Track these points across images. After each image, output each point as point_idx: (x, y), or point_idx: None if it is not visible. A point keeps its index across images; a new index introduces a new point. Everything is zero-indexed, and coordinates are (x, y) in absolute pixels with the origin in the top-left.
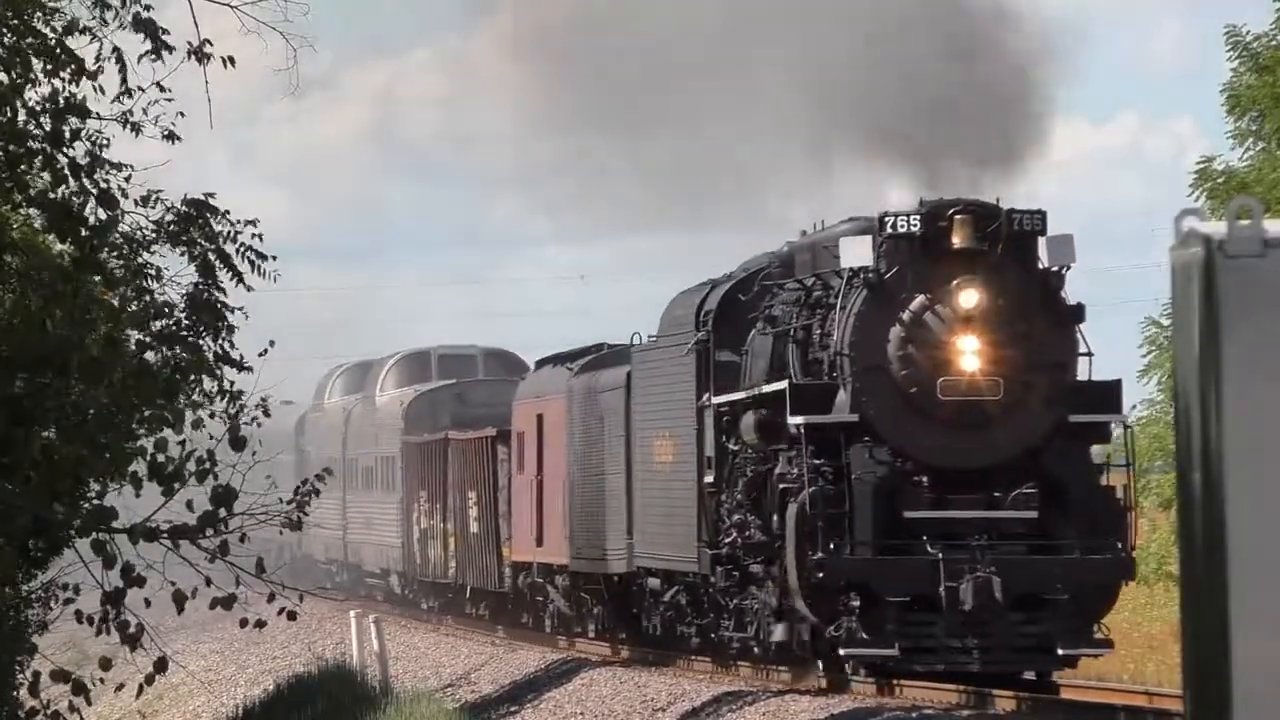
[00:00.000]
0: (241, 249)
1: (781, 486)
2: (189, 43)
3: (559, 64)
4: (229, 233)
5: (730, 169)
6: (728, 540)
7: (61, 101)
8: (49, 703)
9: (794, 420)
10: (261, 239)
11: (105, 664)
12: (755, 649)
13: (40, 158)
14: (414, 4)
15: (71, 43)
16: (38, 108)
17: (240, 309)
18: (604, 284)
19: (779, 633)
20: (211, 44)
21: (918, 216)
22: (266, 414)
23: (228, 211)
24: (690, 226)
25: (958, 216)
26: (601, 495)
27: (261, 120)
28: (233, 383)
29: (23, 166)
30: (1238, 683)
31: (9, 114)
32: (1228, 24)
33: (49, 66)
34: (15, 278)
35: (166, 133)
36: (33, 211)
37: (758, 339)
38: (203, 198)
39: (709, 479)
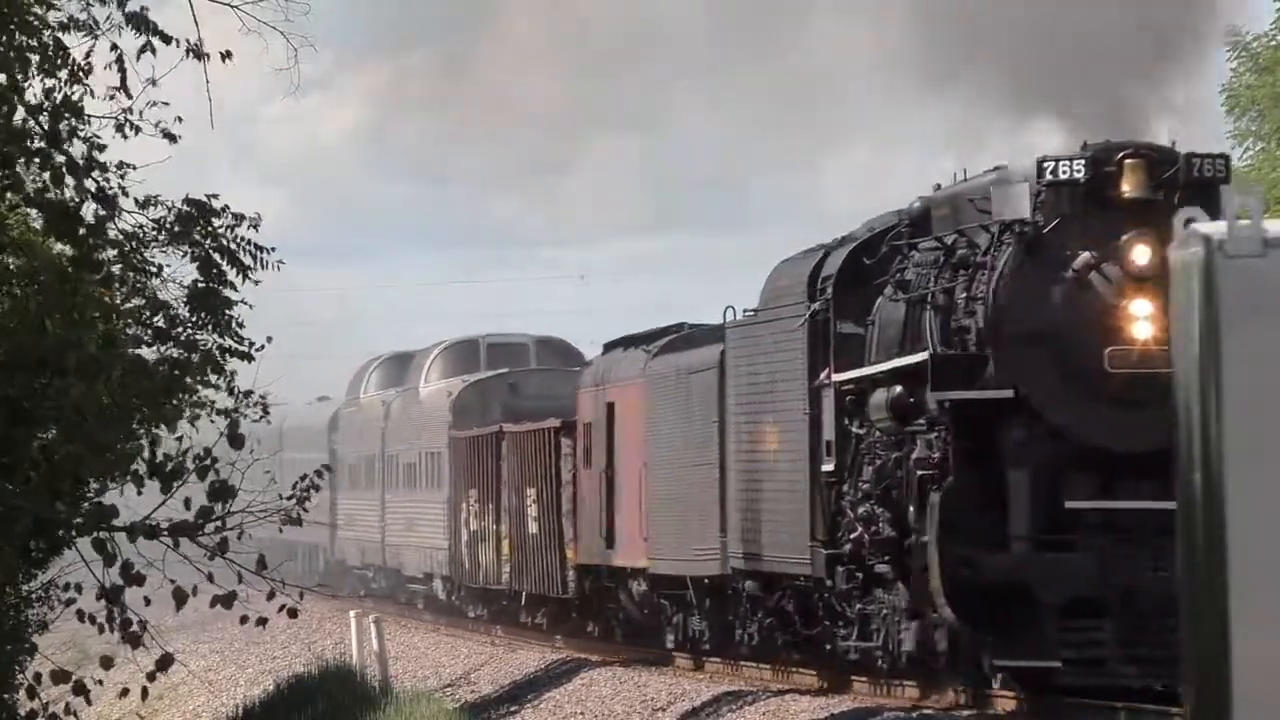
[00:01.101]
0: (242, 243)
1: (920, 473)
2: (187, 40)
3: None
4: (228, 227)
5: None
6: (851, 537)
7: (59, 99)
8: (48, 704)
9: (936, 397)
10: (257, 229)
11: (106, 663)
12: (881, 660)
13: (39, 158)
14: (414, 4)
15: (68, 40)
16: (37, 107)
17: (244, 301)
18: (604, 284)
19: (911, 641)
20: (203, 42)
21: (1082, 161)
22: (265, 412)
23: (226, 207)
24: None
25: (1128, 161)
26: (688, 489)
27: (261, 120)
28: (234, 372)
29: (20, 166)
30: (1238, 682)
31: (6, 112)
32: (1228, 24)
33: (46, 65)
34: (14, 278)
35: (164, 132)
36: (31, 212)
37: (886, 306)
38: (203, 198)
39: (827, 467)
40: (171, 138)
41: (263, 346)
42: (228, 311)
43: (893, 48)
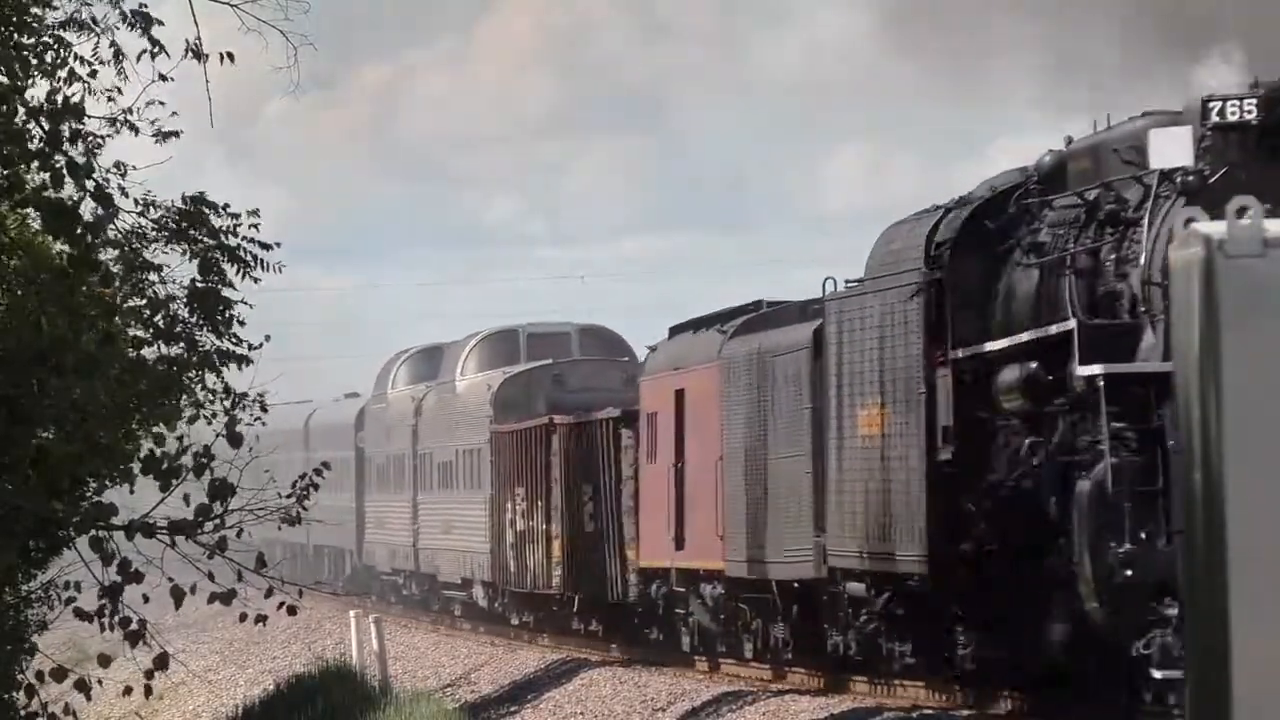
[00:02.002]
0: (243, 241)
1: (1063, 459)
2: (186, 40)
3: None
4: (229, 227)
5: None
6: (974, 533)
7: (60, 101)
8: (47, 704)
9: (1085, 371)
10: (258, 229)
11: (105, 661)
12: (1015, 669)
13: (39, 159)
14: (414, 4)
15: (67, 38)
16: (36, 108)
17: (244, 301)
18: (604, 284)
19: (1049, 648)
20: (201, 42)
21: (1253, 101)
22: (264, 410)
23: (227, 205)
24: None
25: None
26: (775, 483)
27: (261, 120)
28: (223, 373)
29: (21, 166)
30: (1238, 681)
31: (7, 113)
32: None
33: (46, 66)
34: (13, 278)
35: (162, 132)
36: (31, 211)
37: (1016, 273)
38: (201, 194)
39: (945, 455)
40: (168, 136)
41: (260, 346)
42: (228, 311)
43: None
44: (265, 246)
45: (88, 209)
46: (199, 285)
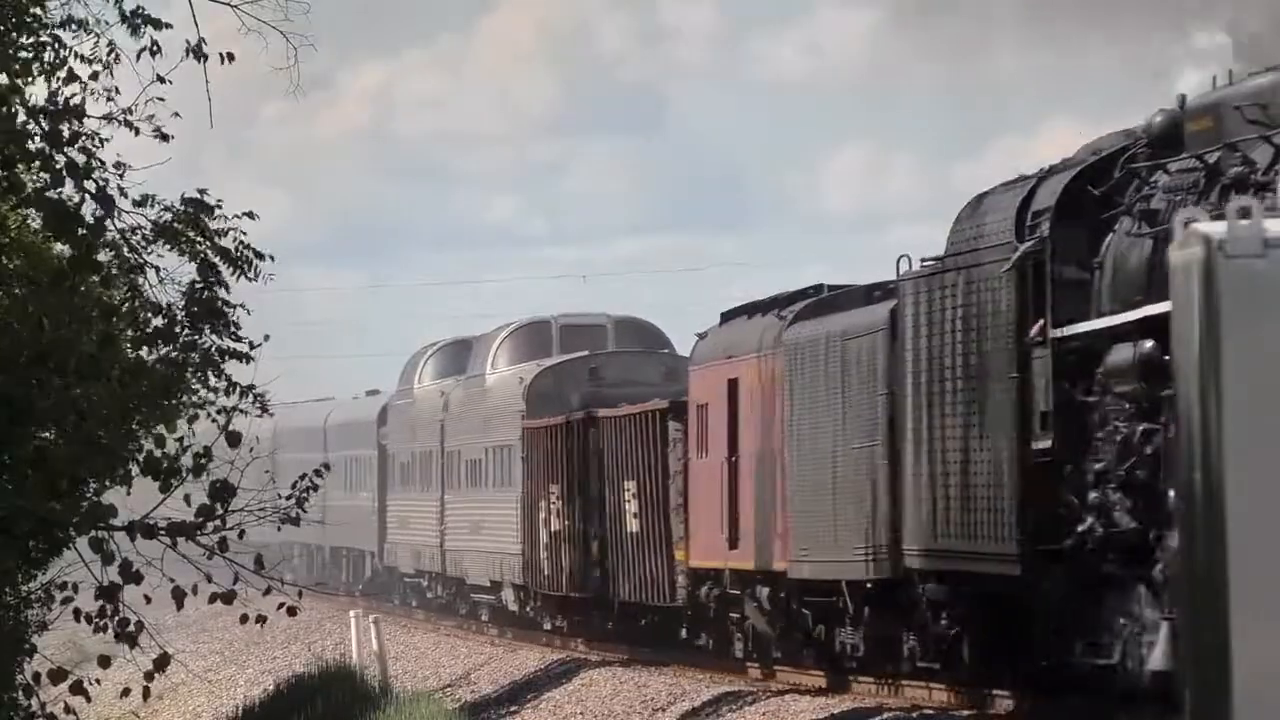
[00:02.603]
0: (239, 246)
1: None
2: (186, 40)
3: None
4: (225, 229)
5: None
6: (1079, 529)
7: (60, 102)
8: (46, 704)
9: None
10: (246, 233)
11: (105, 662)
12: (1119, 679)
13: (39, 159)
14: (413, 3)
15: (66, 37)
16: (36, 108)
17: (241, 305)
18: (604, 284)
19: (1159, 658)
20: (206, 43)
21: None
22: (264, 409)
23: (220, 203)
24: (689, 227)
25: None
26: (845, 476)
27: (260, 120)
28: (229, 375)
29: (20, 167)
30: (1238, 680)
31: (7, 112)
32: (1227, 21)
33: (45, 67)
34: (13, 278)
35: (160, 133)
36: (31, 212)
37: (1122, 243)
38: (199, 195)
39: (1042, 444)
40: (166, 137)
41: (259, 345)
42: (225, 316)
43: None
44: (259, 256)
45: (88, 210)
46: (197, 288)
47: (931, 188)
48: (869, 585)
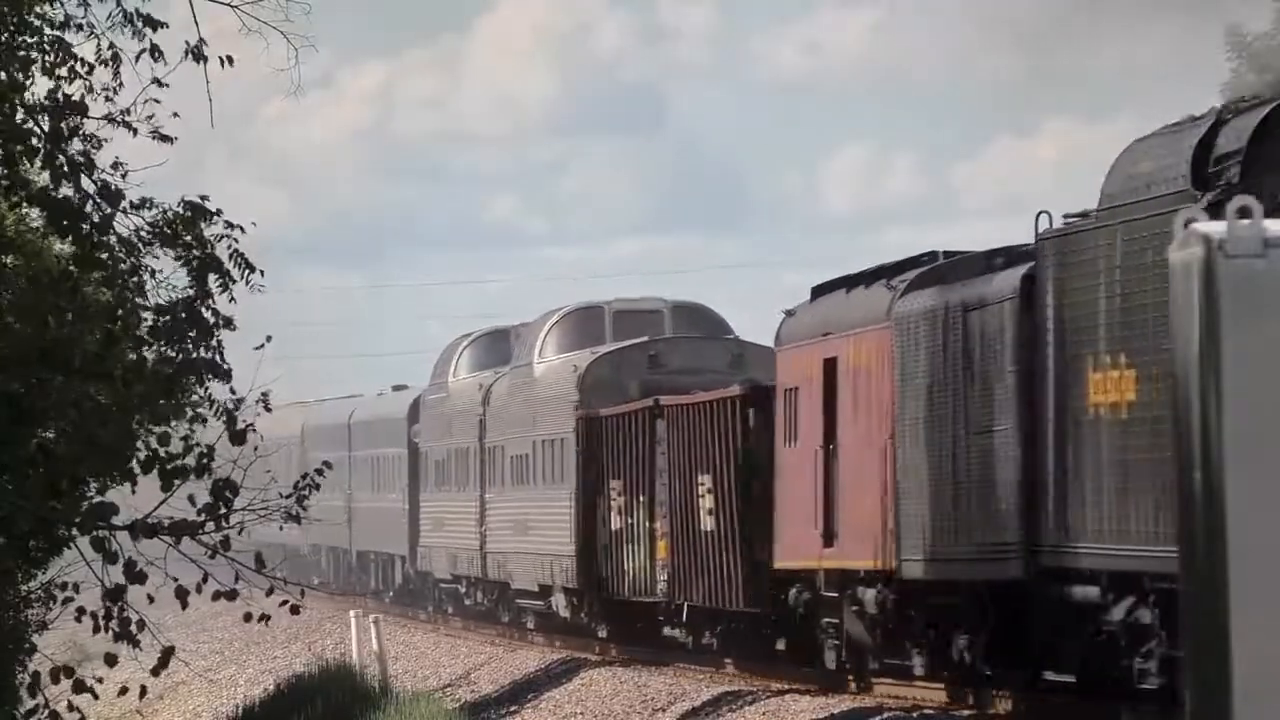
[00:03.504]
0: (234, 255)
1: None
2: (186, 42)
3: None
4: (220, 236)
5: None
6: None
7: (61, 99)
8: (48, 702)
9: None
10: (237, 240)
11: (111, 660)
12: None
13: (41, 156)
14: (413, 3)
15: (68, 37)
16: (37, 106)
17: (230, 319)
18: (604, 284)
19: None
20: (206, 44)
21: None
22: (268, 408)
23: (219, 211)
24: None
25: None
26: (969, 464)
27: (260, 120)
28: (208, 387)
29: (24, 165)
30: (1238, 680)
31: (8, 111)
32: (1228, 24)
33: (46, 65)
34: (12, 277)
35: (160, 134)
36: (33, 212)
37: None
38: (198, 200)
39: None
40: (166, 139)
41: (261, 346)
42: (209, 336)
43: None
44: (251, 268)
45: (91, 209)
46: (190, 295)
47: (931, 188)
48: (997, 587)
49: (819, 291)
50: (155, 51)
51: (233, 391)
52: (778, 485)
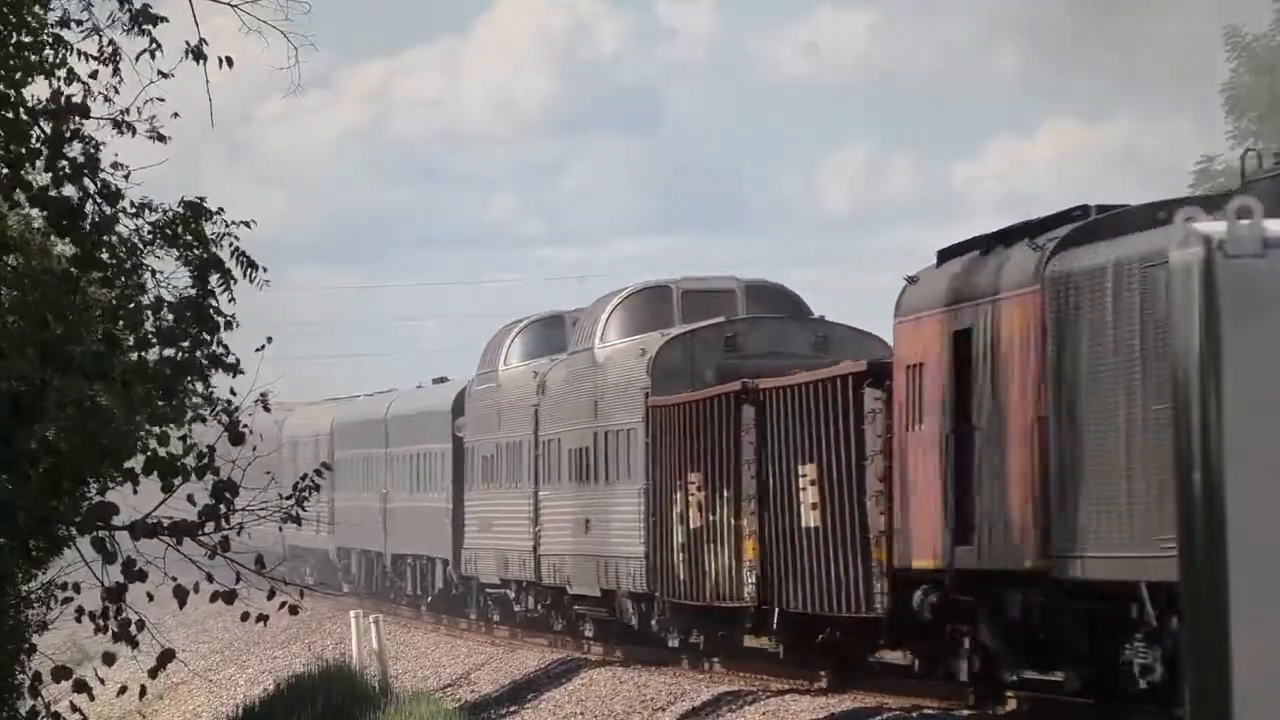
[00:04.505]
0: (235, 253)
1: None
2: (186, 42)
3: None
4: (221, 235)
5: None
6: None
7: (63, 101)
8: (50, 703)
9: None
10: (239, 238)
11: (109, 659)
12: None
13: (42, 158)
14: (413, 3)
15: (68, 36)
16: (37, 107)
17: (232, 317)
18: (603, 284)
19: None
20: (207, 43)
21: None
22: (266, 409)
23: (221, 210)
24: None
25: None
26: (1142, 447)
27: (257, 120)
28: (212, 386)
29: (25, 167)
30: (1238, 680)
31: (10, 114)
32: (1227, 24)
33: (46, 66)
34: (13, 277)
35: (159, 134)
36: (33, 212)
37: None
38: (198, 200)
39: None
40: (162, 139)
41: (262, 348)
42: (215, 322)
43: None
44: (253, 265)
45: (91, 209)
46: (189, 296)
47: (930, 188)
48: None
49: (946, 255)
50: (154, 44)
51: (232, 392)
52: (897, 475)
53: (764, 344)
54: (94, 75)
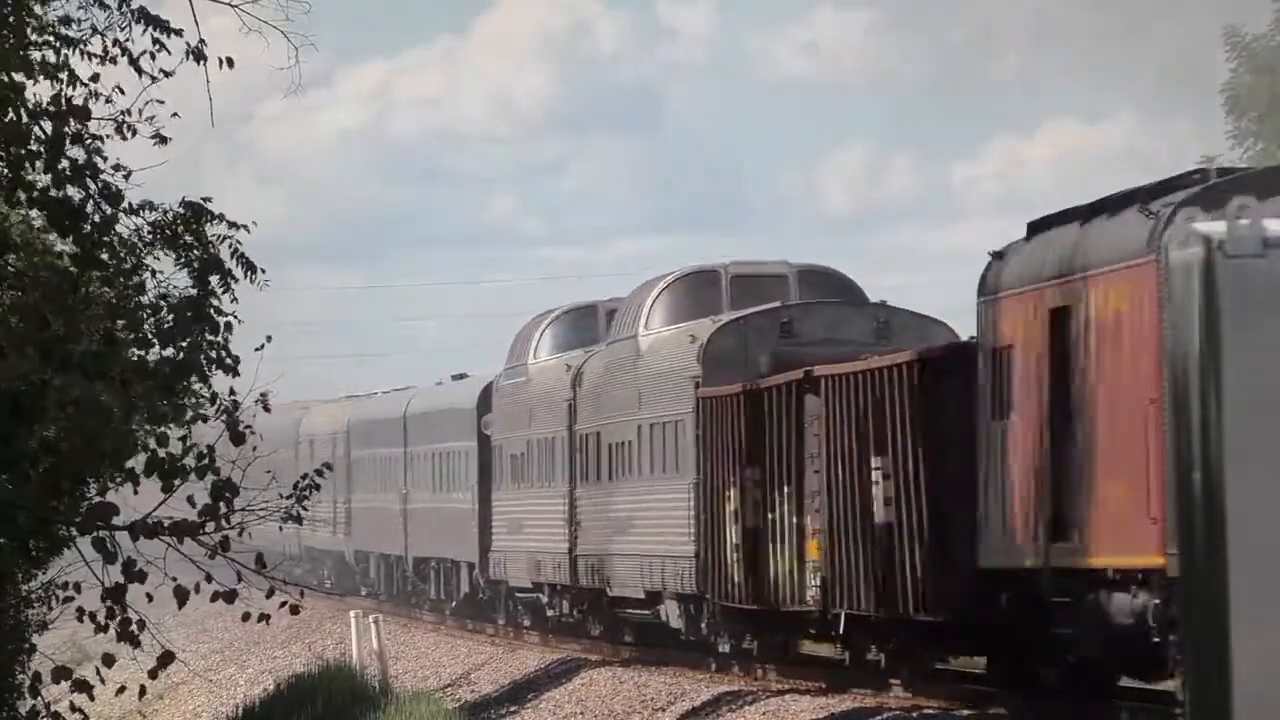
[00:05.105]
0: (235, 255)
1: None
2: (186, 42)
3: None
4: (221, 237)
5: None
6: None
7: (64, 102)
8: (50, 703)
9: None
10: (241, 242)
11: (109, 660)
12: None
13: (42, 160)
14: (412, 3)
15: (69, 34)
16: (38, 109)
17: (234, 315)
18: (602, 285)
19: None
20: (206, 44)
21: None
22: (266, 409)
23: (222, 215)
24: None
25: None
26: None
27: (257, 119)
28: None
29: (25, 169)
30: (1238, 680)
31: (10, 115)
32: (1227, 24)
33: (49, 66)
34: (14, 276)
35: (162, 136)
36: (34, 212)
37: None
38: (200, 201)
39: None
40: (163, 140)
41: (261, 347)
42: (216, 321)
43: None
44: (253, 268)
45: (91, 209)
46: (190, 295)
47: (930, 188)
48: None
49: (1036, 228)
50: (156, 46)
51: (232, 392)
52: (983, 466)
53: (821, 330)
54: (95, 78)
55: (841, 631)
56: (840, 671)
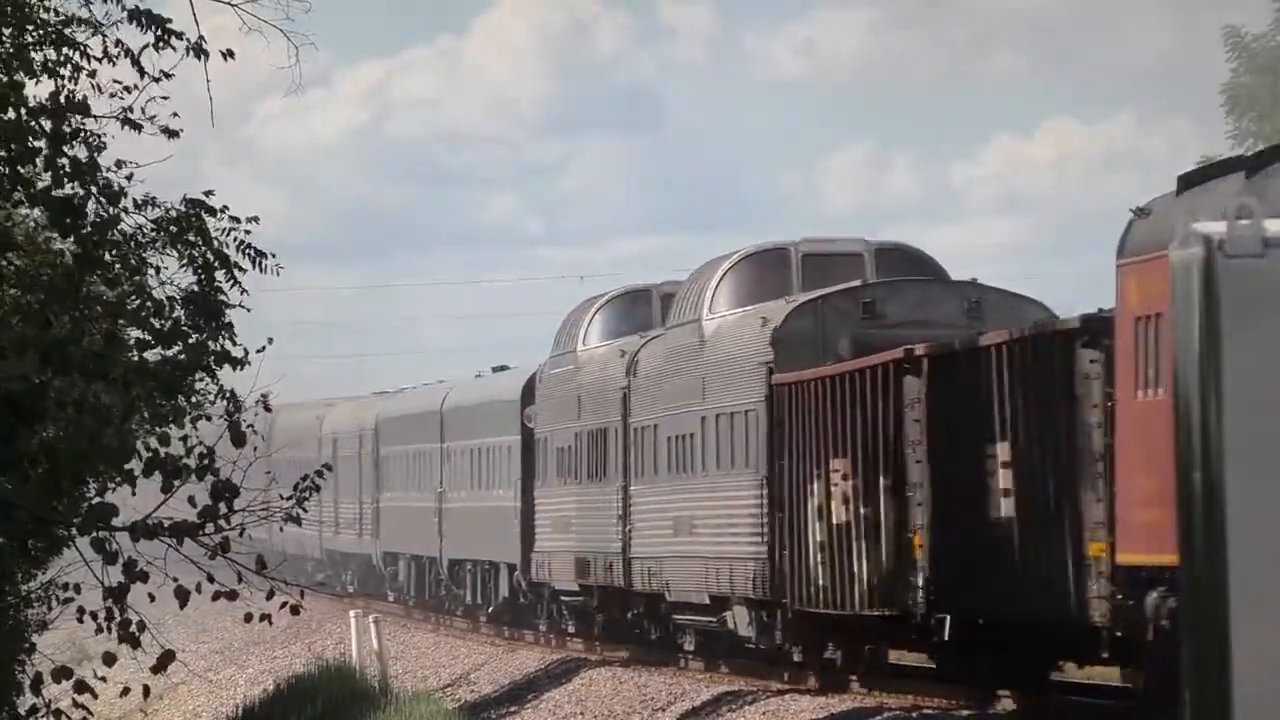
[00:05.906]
0: (241, 246)
1: None
2: (187, 40)
3: None
4: (226, 230)
5: None
6: None
7: (64, 99)
8: (51, 701)
9: None
10: (249, 231)
11: (109, 659)
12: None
13: (42, 158)
14: (412, 3)
15: (70, 33)
16: (38, 107)
17: (240, 304)
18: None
19: None
20: (206, 41)
21: None
22: (267, 409)
23: (225, 208)
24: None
25: None
26: None
27: (257, 118)
28: (220, 371)
29: (25, 167)
30: (1238, 681)
31: (10, 113)
32: (1227, 24)
33: (50, 63)
34: (16, 276)
35: (170, 130)
36: (35, 211)
37: None
38: (201, 196)
39: None
40: (172, 134)
41: (262, 349)
42: (219, 320)
43: None
44: (261, 254)
45: (92, 209)
46: (195, 290)
47: (930, 188)
48: None
49: (1189, 182)
50: (160, 42)
51: (234, 394)
52: (1123, 451)
53: (907, 311)
54: (93, 74)
55: (946, 638)
56: (937, 683)
